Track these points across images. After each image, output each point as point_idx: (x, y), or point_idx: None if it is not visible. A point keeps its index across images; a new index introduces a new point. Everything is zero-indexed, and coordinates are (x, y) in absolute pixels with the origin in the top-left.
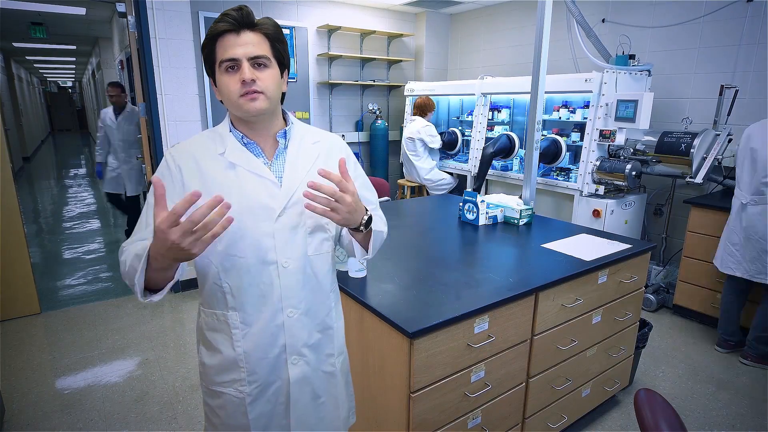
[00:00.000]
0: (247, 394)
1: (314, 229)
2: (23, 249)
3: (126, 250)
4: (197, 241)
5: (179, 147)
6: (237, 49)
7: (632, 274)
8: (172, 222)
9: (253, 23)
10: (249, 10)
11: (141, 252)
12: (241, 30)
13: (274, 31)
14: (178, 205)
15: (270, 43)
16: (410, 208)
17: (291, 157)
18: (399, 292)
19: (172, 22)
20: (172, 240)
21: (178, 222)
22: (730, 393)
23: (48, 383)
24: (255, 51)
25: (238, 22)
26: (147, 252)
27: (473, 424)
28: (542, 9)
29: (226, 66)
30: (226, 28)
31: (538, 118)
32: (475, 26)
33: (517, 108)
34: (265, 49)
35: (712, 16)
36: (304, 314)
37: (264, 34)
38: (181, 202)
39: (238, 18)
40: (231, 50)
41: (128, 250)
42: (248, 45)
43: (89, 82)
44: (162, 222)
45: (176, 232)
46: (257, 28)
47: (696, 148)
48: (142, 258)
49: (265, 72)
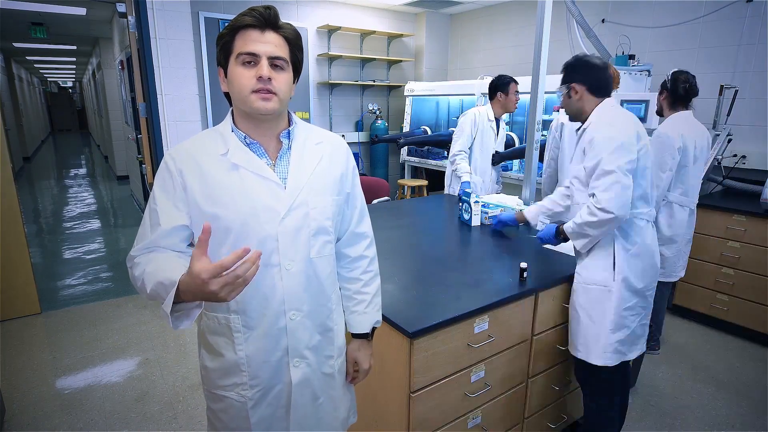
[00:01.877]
0: (249, 399)
1: (317, 232)
2: (23, 249)
3: (139, 265)
4: (234, 291)
5: (179, 148)
6: (259, 45)
7: None
8: (217, 275)
9: (278, 25)
10: (276, 11)
11: (166, 282)
12: (266, 29)
13: (295, 37)
14: (227, 260)
15: (290, 47)
16: (410, 208)
17: (295, 159)
18: (399, 292)
19: (172, 22)
20: (211, 290)
21: (222, 274)
22: (730, 393)
23: (48, 383)
24: (276, 52)
25: (265, 19)
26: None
27: (473, 424)
28: (542, 9)
29: (244, 59)
30: (251, 23)
31: (538, 118)
32: (475, 26)
33: (517, 108)
34: (285, 53)
35: (712, 16)
36: (306, 317)
37: (285, 38)
38: (232, 257)
39: (266, 16)
40: (253, 45)
41: (143, 266)
42: (270, 44)
43: (89, 82)
44: (204, 272)
45: (218, 283)
46: (280, 31)
47: None
48: (169, 290)
49: (281, 74)
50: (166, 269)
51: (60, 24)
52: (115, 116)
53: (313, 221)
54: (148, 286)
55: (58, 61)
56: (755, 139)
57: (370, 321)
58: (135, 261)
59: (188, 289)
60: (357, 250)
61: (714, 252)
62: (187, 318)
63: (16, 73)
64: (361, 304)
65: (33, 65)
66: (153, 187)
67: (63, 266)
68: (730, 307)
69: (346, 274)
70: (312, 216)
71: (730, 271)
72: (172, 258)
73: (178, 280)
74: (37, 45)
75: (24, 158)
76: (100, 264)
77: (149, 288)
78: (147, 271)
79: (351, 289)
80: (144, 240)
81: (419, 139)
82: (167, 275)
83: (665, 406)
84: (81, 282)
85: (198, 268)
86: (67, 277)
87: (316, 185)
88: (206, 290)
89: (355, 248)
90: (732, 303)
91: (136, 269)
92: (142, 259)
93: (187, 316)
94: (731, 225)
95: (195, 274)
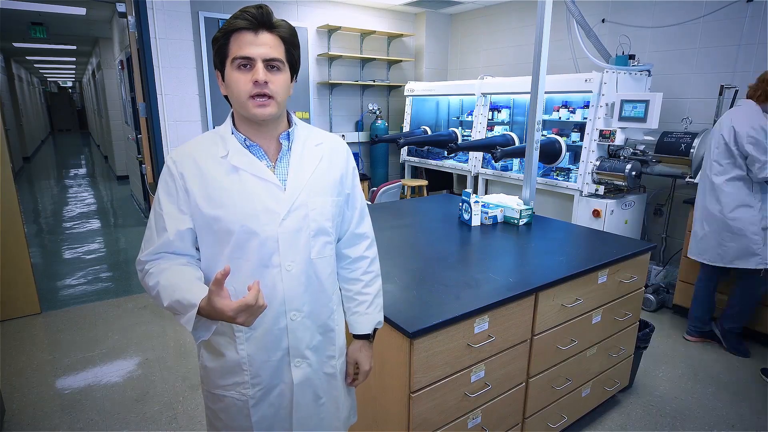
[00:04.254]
0: (250, 397)
1: (317, 233)
2: (23, 249)
3: (152, 275)
4: (254, 317)
5: (180, 151)
6: (253, 48)
7: (632, 274)
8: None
9: (271, 24)
10: (269, 10)
11: (184, 302)
12: (259, 30)
13: (290, 35)
14: (250, 298)
15: (285, 47)
16: (410, 208)
17: (295, 160)
18: (399, 292)
19: (172, 22)
20: (238, 322)
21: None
22: (730, 393)
23: (48, 383)
24: (271, 53)
25: (258, 20)
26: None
27: (473, 424)
28: (542, 9)
29: (239, 63)
30: (244, 26)
31: (538, 118)
32: (475, 26)
33: (517, 108)
34: (280, 53)
35: (711, 16)
36: (307, 317)
37: (281, 37)
38: (254, 294)
39: (258, 17)
40: (247, 48)
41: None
42: (265, 46)
43: (89, 82)
44: (230, 310)
45: (242, 316)
46: (275, 30)
47: (696, 148)
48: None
49: (278, 76)
50: (183, 288)
51: (60, 24)
52: (115, 116)
53: (313, 222)
54: (165, 301)
55: (58, 61)
56: None
57: (371, 322)
58: (146, 269)
59: (209, 314)
60: (357, 250)
61: None
62: (206, 330)
63: (16, 73)
64: (362, 305)
65: (33, 65)
66: (157, 191)
67: (63, 266)
68: None
69: (347, 274)
70: (312, 217)
71: None
72: (186, 272)
73: (198, 305)
74: (37, 45)
75: (24, 158)
76: (100, 264)
77: (166, 303)
78: (162, 285)
79: (352, 290)
80: (151, 245)
81: (419, 139)
82: (185, 296)
83: (665, 406)
84: (81, 282)
85: (221, 305)
86: (67, 277)
87: (316, 186)
88: (231, 321)
89: (356, 249)
90: None
91: (149, 279)
92: (154, 268)
93: (205, 329)
94: None
95: (219, 310)
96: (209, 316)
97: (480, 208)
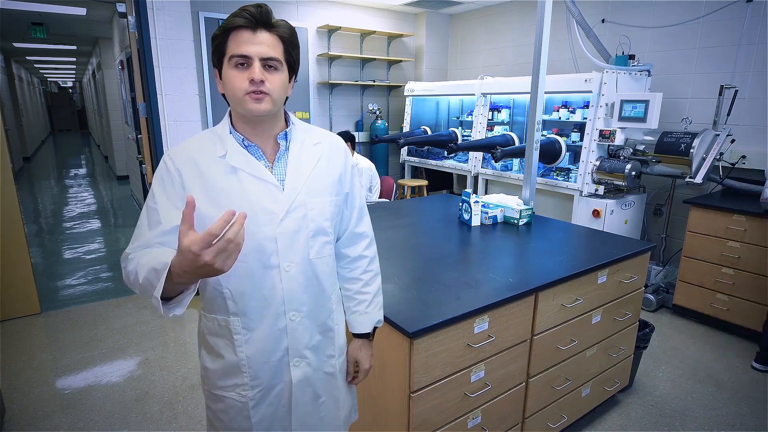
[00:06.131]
0: (249, 398)
1: (316, 233)
2: (23, 249)
3: (133, 260)
4: (229, 258)
5: (178, 149)
6: (251, 47)
7: (632, 274)
8: (207, 244)
9: (270, 23)
10: (268, 9)
11: (159, 267)
12: (258, 28)
13: (289, 34)
14: (214, 226)
15: (284, 46)
16: (410, 208)
17: (293, 160)
18: (399, 292)
19: (172, 22)
20: (205, 261)
21: (212, 243)
22: (730, 393)
23: (48, 383)
24: (269, 52)
25: (256, 19)
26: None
27: (473, 424)
28: (542, 9)
29: (237, 62)
30: (242, 24)
31: (538, 118)
32: (475, 26)
33: (517, 108)
34: (278, 52)
35: (711, 16)
36: (306, 317)
37: (279, 37)
38: (220, 223)
39: (257, 15)
40: (245, 47)
41: (137, 260)
42: (263, 45)
43: (89, 82)
44: (193, 244)
45: (210, 253)
46: (273, 29)
47: (695, 148)
48: (161, 274)
49: (275, 75)
50: (159, 257)
51: (60, 24)
52: (115, 116)
53: (311, 222)
54: (141, 276)
55: (58, 61)
56: (755, 139)
57: (371, 321)
58: (129, 258)
59: (182, 268)
60: (356, 250)
61: (714, 252)
62: (179, 306)
63: (16, 73)
64: (362, 304)
65: (33, 65)
66: (152, 187)
67: (63, 266)
68: (730, 307)
69: (347, 274)
70: (310, 217)
71: (730, 270)
72: (167, 250)
73: (170, 261)
74: (37, 45)
75: (24, 158)
76: (100, 264)
77: (142, 277)
78: (141, 263)
79: (351, 289)
80: (141, 238)
81: (419, 139)
82: (160, 259)
83: (665, 406)
84: (81, 282)
85: (186, 242)
86: (67, 277)
87: (314, 186)
88: (200, 263)
89: (355, 248)
90: (732, 303)
91: (130, 264)
92: (137, 254)
93: (178, 304)
94: (731, 225)
95: (185, 248)
96: (183, 269)
97: (480, 208)
